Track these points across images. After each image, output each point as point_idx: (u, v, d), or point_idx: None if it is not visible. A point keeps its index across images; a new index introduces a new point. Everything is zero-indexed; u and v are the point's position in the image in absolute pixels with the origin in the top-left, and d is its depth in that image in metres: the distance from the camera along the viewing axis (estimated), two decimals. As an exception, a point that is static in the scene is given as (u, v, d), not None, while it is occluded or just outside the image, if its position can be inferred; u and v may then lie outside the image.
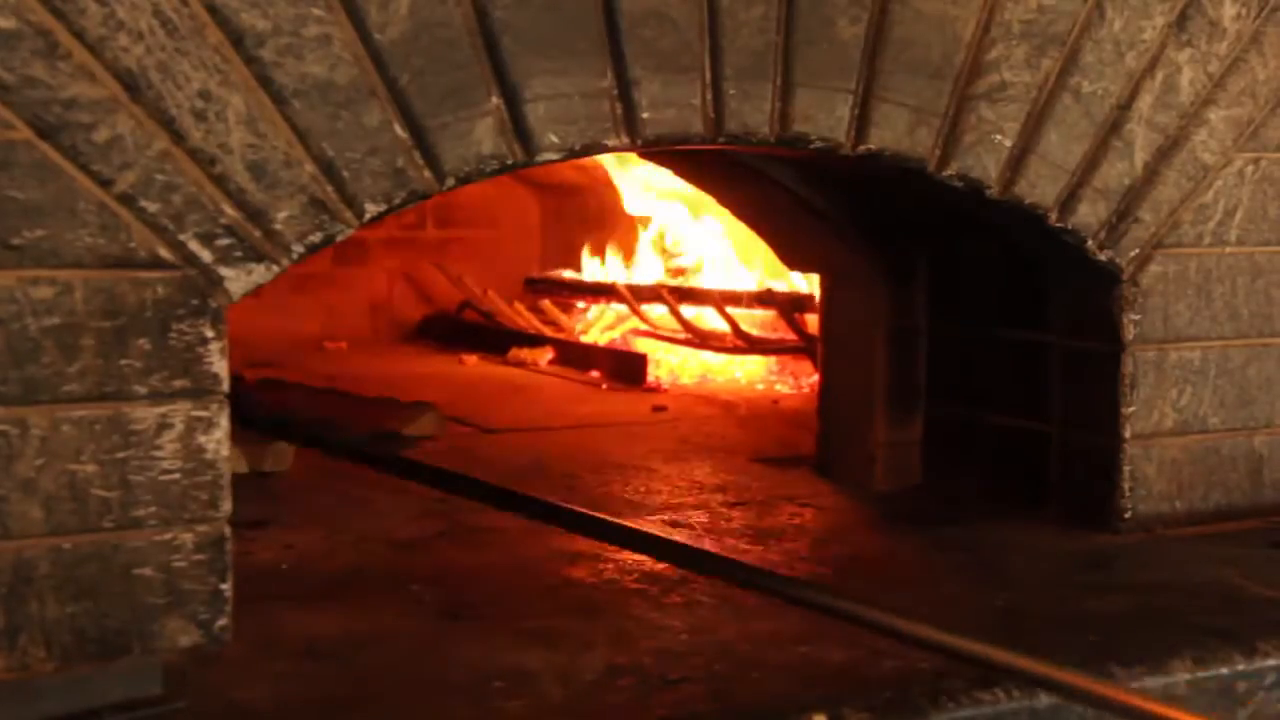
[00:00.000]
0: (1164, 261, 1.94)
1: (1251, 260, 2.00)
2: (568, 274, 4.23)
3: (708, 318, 3.61)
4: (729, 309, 3.47)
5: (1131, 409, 1.94)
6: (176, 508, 1.35)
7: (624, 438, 2.78)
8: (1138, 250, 1.91)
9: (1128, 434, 1.94)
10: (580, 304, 4.12)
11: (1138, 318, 1.93)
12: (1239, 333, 2.00)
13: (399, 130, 1.44)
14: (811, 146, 1.68)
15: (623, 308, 3.86)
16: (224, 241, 1.36)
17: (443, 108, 1.46)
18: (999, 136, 1.78)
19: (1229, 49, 1.92)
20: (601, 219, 4.21)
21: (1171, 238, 1.94)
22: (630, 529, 1.93)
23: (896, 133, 1.72)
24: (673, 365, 3.58)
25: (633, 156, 3.04)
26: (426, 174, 1.46)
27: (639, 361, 3.50)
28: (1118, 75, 1.85)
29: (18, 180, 1.26)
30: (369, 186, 1.43)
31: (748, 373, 3.53)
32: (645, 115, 1.56)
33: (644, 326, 3.75)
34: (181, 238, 1.34)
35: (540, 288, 4.25)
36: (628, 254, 4.08)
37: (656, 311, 3.73)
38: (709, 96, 1.60)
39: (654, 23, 1.56)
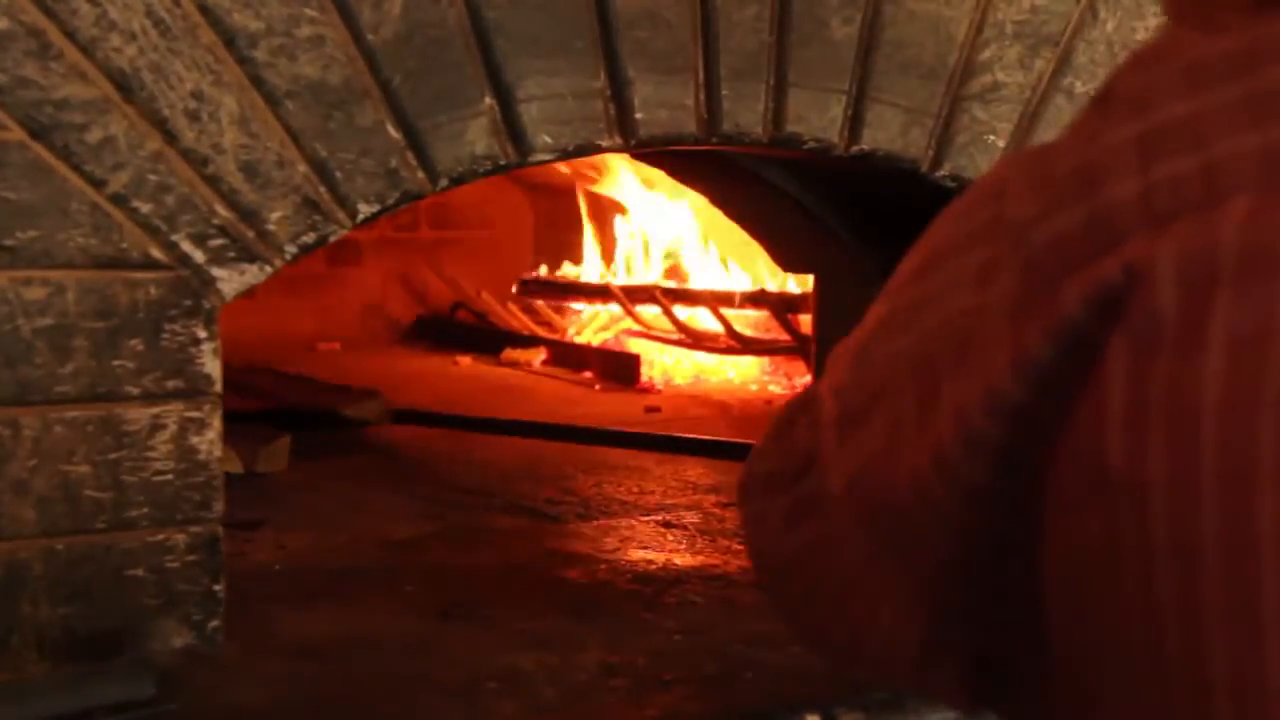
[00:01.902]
0: (1157, 262, 1.94)
1: (1244, 261, 2.00)
2: (562, 273, 4.22)
3: (701, 318, 3.61)
4: (722, 309, 3.47)
5: (1124, 409, 1.94)
6: (169, 508, 1.35)
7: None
8: (1130, 251, 1.92)
9: (1121, 434, 1.94)
10: (574, 304, 4.12)
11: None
12: (1231, 333, 2.00)
13: (392, 131, 1.44)
14: (805, 147, 1.68)
15: (616, 308, 3.86)
16: (217, 242, 1.36)
17: (436, 108, 1.46)
18: (992, 137, 1.79)
19: (1221, 50, 1.93)
20: (599, 219, 4.21)
21: (1164, 238, 1.94)
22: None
23: (890, 133, 1.72)
24: (666, 366, 3.58)
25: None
26: (420, 175, 1.46)
27: (632, 362, 3.50)
28: (1110, 76, 1.85)
29: (10, 181, 1.26)
30: (362, 187, 1.43)
31: (741, 373, 3.53)
32: (639, 116, 1.57)
33: (637, 327, 3.75)
34: (174, 238, 1.34)
35: (534, 288, 4.25)
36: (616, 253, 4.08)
37: (650, 312, 3.73)
38: (702, 97, 1.60)
39: (647, 23, 1.56)
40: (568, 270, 4.15)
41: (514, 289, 4.18)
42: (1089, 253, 0.35)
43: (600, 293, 3.94)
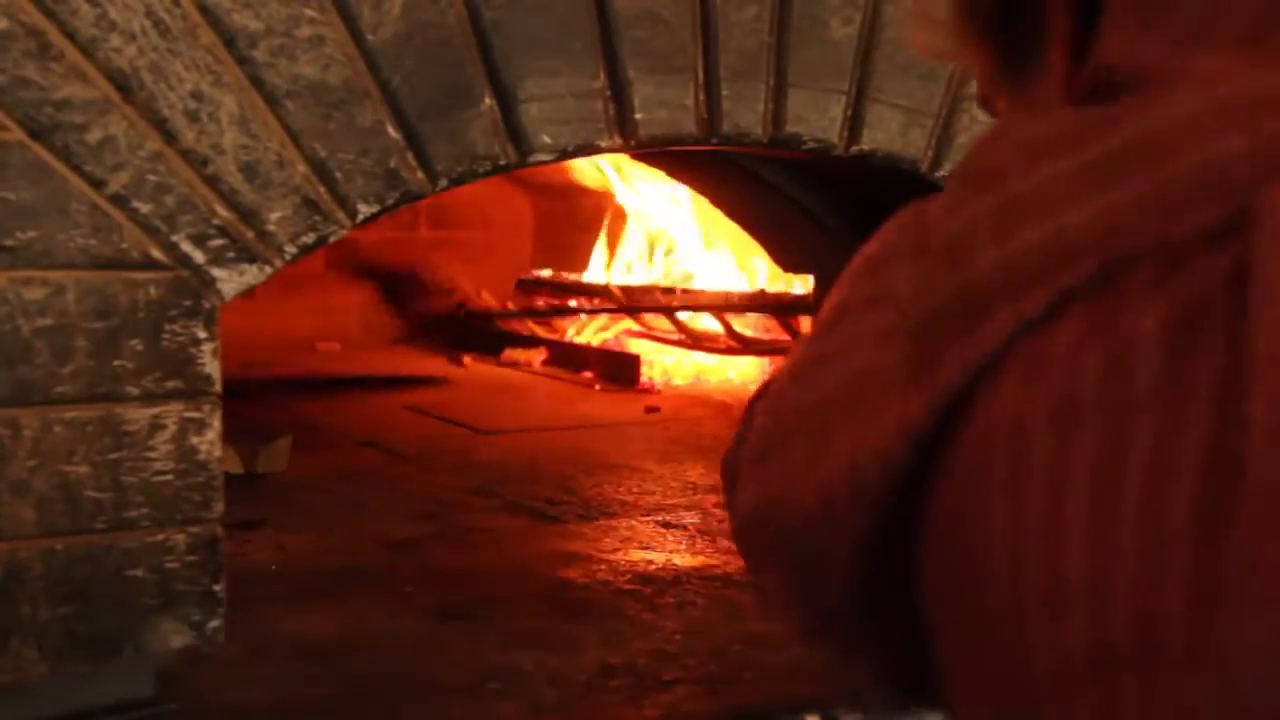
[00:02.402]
0: (1156, 262, 1.94)
1: (1244, 261, 2.00)
2: (569, 276, 4.22)
3: (701, 319, 3.61)
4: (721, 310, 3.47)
5: (1124, 409, 1.94)
6: (169, 509, 1.35)
7: (617, 438, 2.78)
8: (1130, 251, 1.92)
9: (1120, 434, 1.94)
10: (573, 303, 4.12)
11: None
12: (1231, 333, 2.00)
13: (391, 131, 1.44)
14: (804, 147, 1.68)
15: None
16: (216, 242, 1.36)
17: (435, 108, 1.46)
18: (992, 137, 1.78)
19: (1221, 50, 1.92)
20: (596, 220, 4.21)
21: (1164, 238, 1.94)
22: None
23: (889, 133, 1.72)
24: (666, 366, 3.58)
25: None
26: (419, 175, 1.46)
27: (632, 363, 3.50)
28: (1110, 76, 1.85)
29: (10, 181, 1.26)
30: (362, 187, 1.43)
31: (741, 373, 3.53)
32: (638, 116, 1.56)
33: (637, 328, 3.75)
34: (174, 239, 1.34)
35: (533, 290, 4.25)
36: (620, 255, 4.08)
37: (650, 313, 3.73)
38: (702, 97, 1.60)
39: (647, 23, 1.56)
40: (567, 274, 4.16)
41: (514, 289, 4.18)
42: (963, 325, 0.40)
43: (601, 294, 3.94)
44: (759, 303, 3.43)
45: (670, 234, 3.96)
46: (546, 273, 4.19)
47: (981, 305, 0.39)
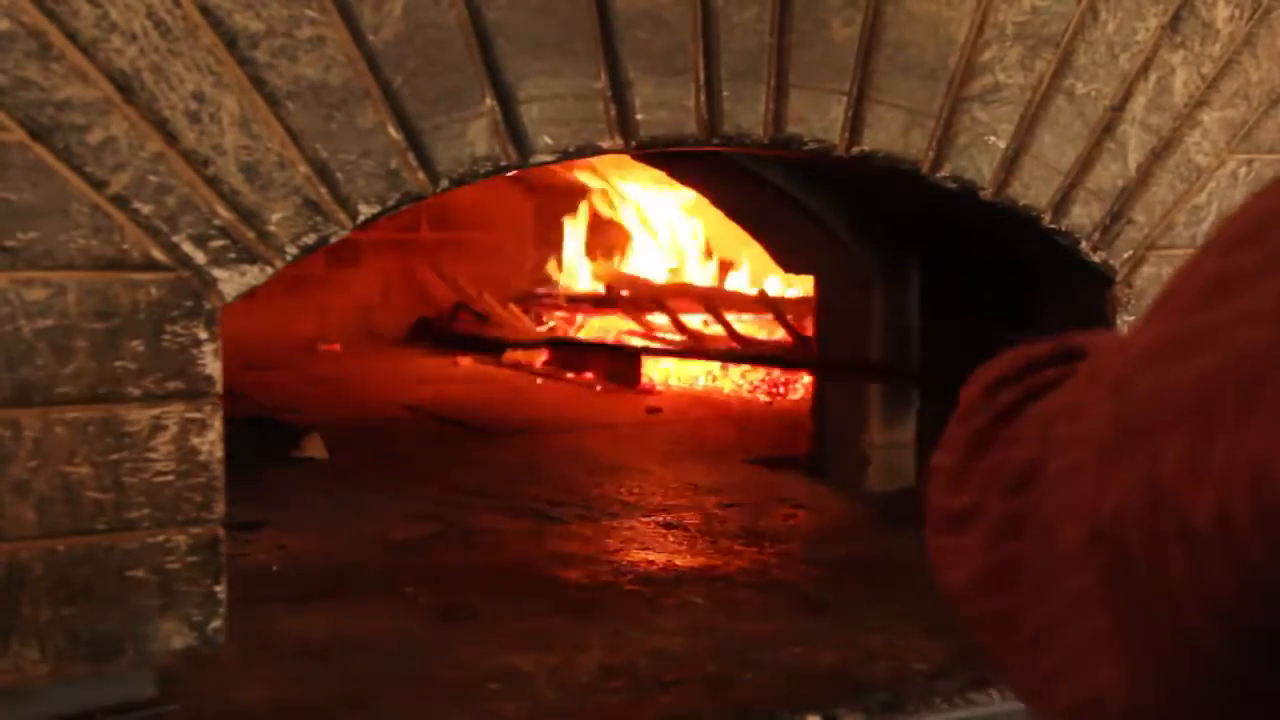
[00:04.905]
0: (1157, 263, 1.94)
1: (1244, 262, 2.00)
2: (573, 288, 4.22)
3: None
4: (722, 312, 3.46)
5: (1125, 410, 1.93)
6: (170, 509, 1.35)
7: (618, 439, 2.78)
8: (1131, 251, 1.92)
9: (1121, 435, 1.94)
10: (579, 316, 4.11)
11: (1131, 319, 1.93)
12: (1232, 334, 2.00)
13: (393, 132, 1.44)
14: (805, 148, 1.68)
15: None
16: (217, 243, 1.36)
17: (436, 109, 1.46)
18: (993, 138, 1.78)
19: (1222, 51, 1.92)
20: (597, 222, 4.21)
21: (1165, 239, 1.94)
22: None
23: (890, 134, 1.72)
24: (666, 368, 3.58)
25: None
26: (420, 175, 1.46)
27: (633, 363, 3.50)
28: (1111, 77, 1.85)
29: (11, 182, 1.26)
30: (363, 188, 1.43)
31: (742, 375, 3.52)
32: (639, 117, 1.56)
33: (639, 329, 3.75)
34: (175, 239, 1.34)
35: (536, 299, 4.24)
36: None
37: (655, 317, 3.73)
38: (703, 98, 1.60)
39: (648, 24, 1.56)
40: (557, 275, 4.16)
41: (515, 299, 4.19)
42: None
43: (606, 302, 3.94)
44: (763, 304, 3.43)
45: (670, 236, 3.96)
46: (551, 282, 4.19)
47: None
